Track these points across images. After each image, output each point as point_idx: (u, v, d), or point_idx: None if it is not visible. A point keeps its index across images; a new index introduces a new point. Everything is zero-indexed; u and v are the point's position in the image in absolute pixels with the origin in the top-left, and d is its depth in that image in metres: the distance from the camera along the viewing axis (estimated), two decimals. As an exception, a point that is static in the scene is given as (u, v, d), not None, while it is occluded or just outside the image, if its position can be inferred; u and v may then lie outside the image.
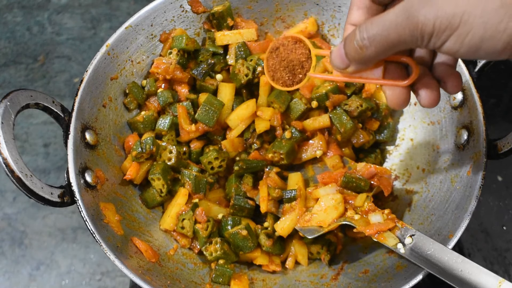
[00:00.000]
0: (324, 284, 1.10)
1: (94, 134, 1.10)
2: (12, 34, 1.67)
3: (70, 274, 1.35)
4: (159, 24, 1.20)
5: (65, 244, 1.38)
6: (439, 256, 0.93)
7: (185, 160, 1.18)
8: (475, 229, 1.34)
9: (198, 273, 1.11)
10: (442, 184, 1.10)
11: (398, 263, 1.05)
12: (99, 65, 1.12)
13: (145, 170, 1.15)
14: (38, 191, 0.94)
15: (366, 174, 1.09)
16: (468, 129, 1.07)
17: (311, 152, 1.18)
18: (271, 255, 1.14)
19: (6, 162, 0.91)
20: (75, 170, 1.01)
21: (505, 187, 1.39)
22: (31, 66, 1.62)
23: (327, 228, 1.05)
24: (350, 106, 1.17)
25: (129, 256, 1.02)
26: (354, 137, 1.19)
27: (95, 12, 1.70)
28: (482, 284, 0.87)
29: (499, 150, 1.02)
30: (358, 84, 1.24)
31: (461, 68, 1.08)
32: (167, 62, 1.18)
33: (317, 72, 1.17)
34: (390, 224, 1.01)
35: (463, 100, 1.08)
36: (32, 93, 1.00)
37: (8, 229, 1.40)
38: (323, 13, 1.27)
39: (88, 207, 1.00)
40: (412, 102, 1.22)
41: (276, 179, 1.14)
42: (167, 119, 1.18)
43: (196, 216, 1.12)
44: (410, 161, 1.21)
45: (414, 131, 1.22)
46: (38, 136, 1.52)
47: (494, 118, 1.46)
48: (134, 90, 1.19)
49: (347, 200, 1.08)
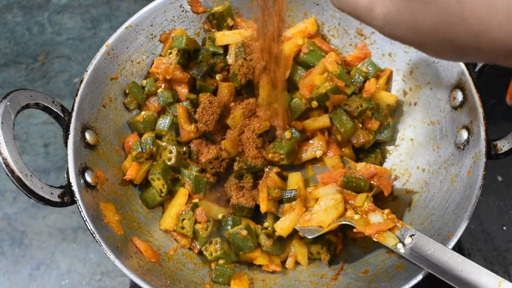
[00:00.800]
0: (324, 284, 1.10)
1: (94, 134, 1.10)
2: (12, 34, 1.67)
3: (70, 274, 1.35)
4: (159, 24, 1.20)
5: (65, 244, 1.38)
6: (439, 256, 0.93)
7: (185, 160, 1.18)
8: (475, 229, 1.34)
9: (198, 273, 1.11)
10: (442, 184, 1.10)
11: (398, 263, 1.05)
12: (99, 65, 1.12)
13: (145, 170, 1.15)
14: (38, 191, 0.94)
15: (366, 174, 1.09)
16: (468, 129, 1.07)
17: (311, 152, 1.18)
18: (271, 255, 1.14)
19: (6, 162, 0.91)
20: (75, 170, 1.01)
21: (505, 187, 1.39)
22: (31, 66, 1.62)
23: (327, 228, 1.05)
24: (350, 106, 1.17)
25: (129, 256, 1.02)
26: (354, 137, 1.19)
27: (95, 12, 1.70)
28: (482, 284, 0.87)
29: (499, 150, 1.02)
30: (358, 84, 1.24)
31: (461, 68, 1.08)
32: (167, 62, 1.18)
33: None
34: (390, 224, 1.01)
35: (463, 100, 1.08)
36: (32, 93, 1.00)
37: (8, 229, 1.40)
38: (323, 13, 1.27)
39: (88, 207, 1.00)
40: (412, 102, 1.22)
41: (276, 179, 1.14)
42: (167, 119, 1.18)
43: (196, 216, 1.12)
44: (410, 161, 1.21)
45: (414, 131, 1.22)
46: (38, 136, 1.52)
47: (494, 118, 1.46)
48: (134, 90, 1.19)
49: (347, 200, 1.08)
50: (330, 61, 1.23)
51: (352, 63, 1.28)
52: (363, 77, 1.24)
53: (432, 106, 1.18)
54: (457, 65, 1.09)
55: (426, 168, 1.17)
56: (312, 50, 1.26)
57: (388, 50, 1.24)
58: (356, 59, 1.27)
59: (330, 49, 1.28)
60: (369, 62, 1.25)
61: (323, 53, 1.27)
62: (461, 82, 1.09)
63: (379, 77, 1.25)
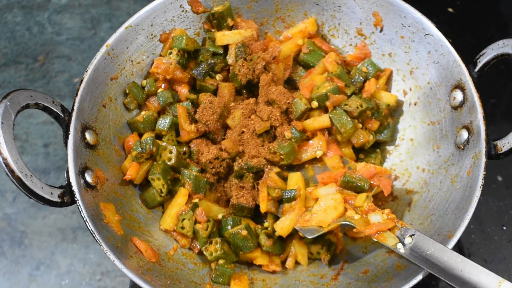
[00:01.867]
0: (324, 284, 1.10)
1: (94, 134, 1.10)
2: (12, 34, 1.67)
3: (70, 274, 1.35)
4: (159, 24, 1.20)
5: (65, 244, 1.38)
6: (439, 256, 0.93)
7: (185, 160, 1.18)
8: (475, 229, 1.34)
9: (198, 273, 1.11)
10: (442, 184, 1.10)
11: (398, 263, 1.05)
12: (99, 65, 1.12)
13: (145, 170, 1.15)
14: (38, 191, 0.94)
15: (366, 174, 1.09)
16: (468, 129, 1.07)
17: (311, 152, 1.18)
18: (271, 255, 1.14)
19: (6, 162, 0.91)
20: (75, 170, 1.01)
21: (505, 187, 1.39)
22: (31, 66, 1.62)
23: (327, 228, 1.05)
24: (350, 106, 1.17)
25: (129, 256, 1.02)
26: (354, 137, 1.19)
27: (95, 12, 1.70)
28: (482, 284, 0.87)
29: (499, 150, 1.02)
30: (358, 84, 1.24)
31: (461, 68, 1.08)
32: (167, 62, 1.18)
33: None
34: (390, 224, 1.01)
35: (463, 100, 1.08)
36: (32, 93, 1.00)
37: (8, 229, 1.40)
38: (323, 13, 1.27)
39: (88, 207, 1.00)
40: (412, 102, 1.22)
41: (276, 179, 1.14)
42: (167, 119, 1.18)
43: (196, 216, 1.12)
44: (410, 161, 1.21)
45: (414, 131, 1.22)
46: (38, 136, 1.52)
47: (494, 118, 1.46)
48: (134, 90, 1.19)
49: (347, 200, 1.08)
50: (330, 61, 1.23)
51: (352, 63, 1.28)
52: (363, 77, 1.24)
53: (432, 106, 1.18)
54: (457, 65, 1.09)
55: (426, 168, 1.17)
56: (312, 50, 1.26)
57: (388, 50, 1.24)
58: (356, 59, 1.27)
59: (330, 49, 1.28)
60: (369, 62, 1.25)
61: (323, 53, 1.27)
62: (461, 82, 1.09)
63: (379, 77, 1.25)
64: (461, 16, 1.61)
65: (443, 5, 1.63)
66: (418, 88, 1.21)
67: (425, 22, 1.14)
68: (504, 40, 1.04)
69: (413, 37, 1.18)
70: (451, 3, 1.63)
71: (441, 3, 1.63)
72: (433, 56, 1.15)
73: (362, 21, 1.25)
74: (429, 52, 1.16)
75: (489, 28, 1.60)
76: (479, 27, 1.59)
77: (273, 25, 1.30)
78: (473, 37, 1.58)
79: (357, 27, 1.26)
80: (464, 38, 1.57)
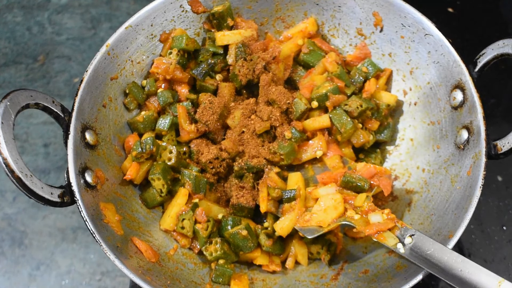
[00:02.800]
0: (324, 284, 1.10)
1: (94, 134, 1.10)
2: (12, 34, 1.67)
3: (70, 274, 1.35)
4: (159, 24, 1.20)
5: (65, 244, 1.38)
6: (439, 256, 0.93)
7: (185, 160, 1.18)
8: (475, 229, 1.34)
9: (198, 273, 1.11)
10: (442, 184, 1.10)
11: (398, 263, 1.05)
12: (99, 65, 1.12)
13: (145, 170, 1.15)
14: (38, 191, 0.94)
15: (366, 174, 1.09)
16: (468, 129, 1.07)
17: (311, 152, 1.18)
18: (271, 255, 1.14)
19: (6, 162, 0.91)
20: (75, 170, 1.01)
21: (505, 187, 1.39)
22: (31, 66, 1.62)
23: (327, 228, 1.05)
24: (350, 106, 1.17)
25: (129, 256, 1.02)
26: (354, 137, 1.19)
27: (95, 12, 1.70)
28: (482, 284, 0.87)
29: (499, 150, 1.02)
30: (358, 84, 1.24)
31: (461, 68, 1.08)
32: (167, 62, 1.18)
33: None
34: (390, 224, 1.01)
35: (463, 100, 1.08)
36: (32, 93, 1.00)
37: (8, 229, 1.40)
38: (323, 13, 1.27)
39: (88, 207, 1.00)
40: (412, 102, 1.22)
41: (276, 179, 1.14)
42: (167, 119, 1.18)
43: (196, 216, 1.12)
44: (410, 161, 1.21)
45: (414, 131, 1.22)
46: (38, 136, 1.52)
47: (494, 118, 1.46)
48: (134, 90, 1.19)
49: (347, 200, 1.08)
50: (330, 61, 1.23)
51: (352, 63, 1.28)
52: (363, 77, 1.24)
53: (432, 106, 1.18)
54: (457, 65, 1.09)
55: (426, 168, 1.17)
56: (312, 50, 1.26)
57: (388, 50, 1.24)
58: (356, 59, 1.27)
59: (330, 49, 1.28)
60: (369, 62, 1.25)
61: (323, 53, 1.27)
62: (461, 82, 1.09)
63: (379, 77, 1.25)
64: (461, 16, 1.61)
65: (443, 5, 1.63)
66: (418, 88, 1.21)
67: (425, 22, 1.14)
68: (504, 40, 1.04)
69: (413, 37, 1.18)
70: (451, 3, 1.63)
71: (441, 3, 1.63)
72: (433, 56, 1.15)
73: (362, 21, 1.25)
74: (429, 52, 1.16)
75: (489, 28, 1.60)
76: (479, 27, 1.59)
77: (273, 25, 1.30)
78: (473, 37, 1.57)
79: (357, 27, 1.26)
80: (464, 38, 1.57)
